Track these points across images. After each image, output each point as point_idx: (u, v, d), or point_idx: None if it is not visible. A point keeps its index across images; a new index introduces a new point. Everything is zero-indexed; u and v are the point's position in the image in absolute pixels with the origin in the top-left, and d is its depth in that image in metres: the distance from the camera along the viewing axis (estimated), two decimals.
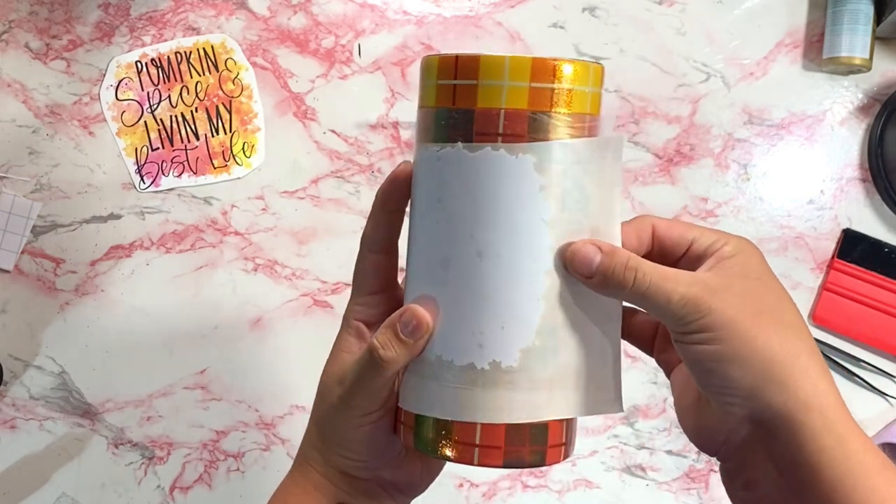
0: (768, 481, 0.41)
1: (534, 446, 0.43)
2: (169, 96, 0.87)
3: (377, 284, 0.46)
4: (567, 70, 0.41)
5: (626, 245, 0.42)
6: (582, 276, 0.41)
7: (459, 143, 0.41)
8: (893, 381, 0.90)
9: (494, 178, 0.41)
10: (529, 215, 0.41)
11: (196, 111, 0.87)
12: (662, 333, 0.47)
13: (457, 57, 0.42)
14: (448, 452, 0.43)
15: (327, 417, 0.46)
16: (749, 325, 0.39)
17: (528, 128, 0.41)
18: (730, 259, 0.41)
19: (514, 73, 0.41)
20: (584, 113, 0.42)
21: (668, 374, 0.47)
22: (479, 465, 0.42)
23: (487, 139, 0.41)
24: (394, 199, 0.44)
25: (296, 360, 0.87)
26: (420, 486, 0.49)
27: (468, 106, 0.41)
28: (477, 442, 0.42)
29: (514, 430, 0.42)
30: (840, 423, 0.38)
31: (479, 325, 0.42)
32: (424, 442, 0.43)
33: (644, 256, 0.42)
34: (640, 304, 0.42)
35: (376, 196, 0.45)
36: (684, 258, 0.43)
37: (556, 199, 0.41)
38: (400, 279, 0.47)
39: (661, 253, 0.43)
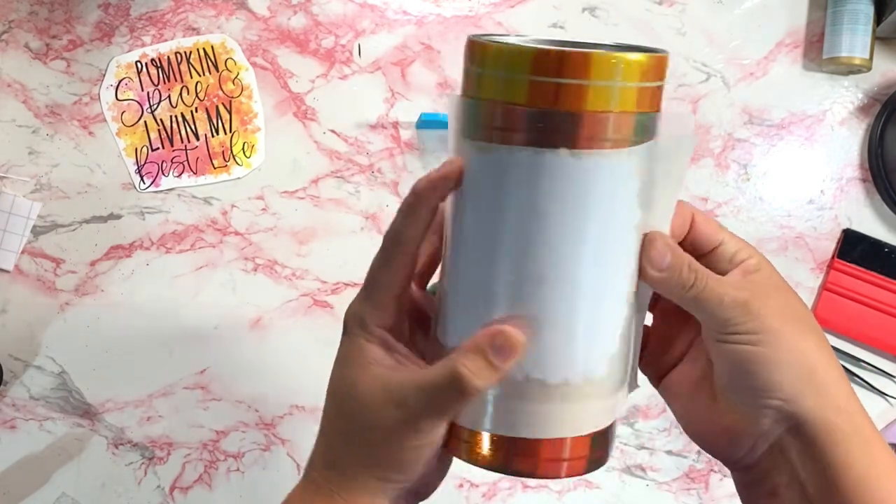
0: (793, 487, 0.41)
1: (606, 447, 0.43)
2: (169, 96, 0.87)
3: (400, 287, 0.42)
4: (665, 66, 0.39)
5: (671, 230, 0.43)
6: (653, 270, 0.41)
7: (563, 148, 0.37)
8: (893, 381, 0.90)
9: (600, 186, 0.38)
10: (626, 221, 0.40)
11: (196, 111, 0.87)
12: (654, 343, 0.47)
13: (562, 53, 0.37)
14: (530, 470, 0.41)
15: (378, 441, 0.41)
16: (792, 331, 0.41)
17: (634, 130, 0.38)
18: (757, 273, 0.43)
19: (626, 74, 0.38)
20: (661, 109, 0.40)
21: (657, 383, 0.47)
22: (566, 476, 0.42)
23: (595, 144, 0.37)
24: (438, 196, 0.41)
25: (296, 360, 0.87)
26: (435, 487, 0.49)
27: (575, 108, 0.37)
28: (566, 456, 0.41)
29: (599, 436, 0.42)
30: (866, 427, 0.41)
31: (576, 341, 0.40)
32: (501, 460, 0.41)
33: (679, 244, 0.43)
34: (688, 304, 0.42)
35: (418, 192, 0.41)
36: (709, 256, 0.44)
37: (643, 202, 0.40)
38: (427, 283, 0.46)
39: (692, 245, 0.44)
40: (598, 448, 0.42)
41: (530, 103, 0.37)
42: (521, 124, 0.38)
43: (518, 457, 0.41)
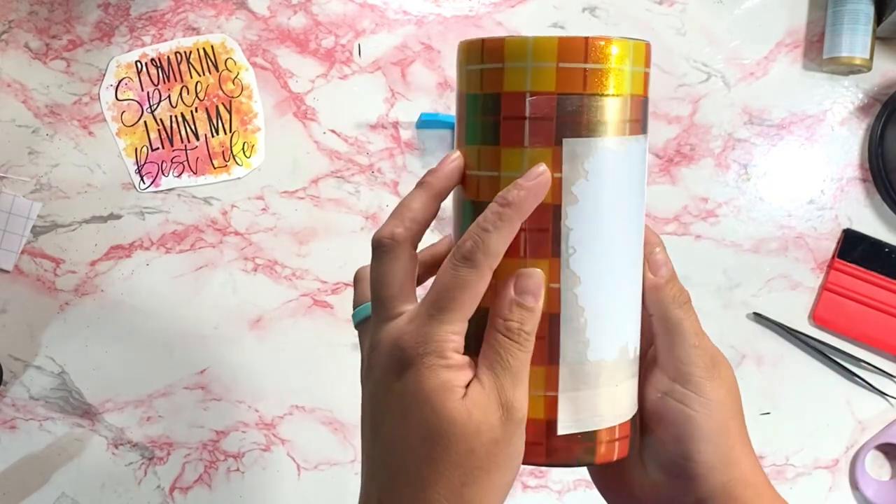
0: None
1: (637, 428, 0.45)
2: (169, 96, 0.87)
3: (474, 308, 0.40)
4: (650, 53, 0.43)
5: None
6: (654, 275, 0.43)
7: (643, 134, 0.42)
8: (893, 381, 0.90)
9: (642, 167, 0.42)
10: (644, 203, 0.43)
11: (196, 111, 0.87)
12: None
13: (647, 44, 0.42)
14: (603, 455, 0.42)
15: (493, 461, 0.38)
16: (725, 408, 0.43)
17: (644, 113, 0.42)
18: (707, 338, 0.46)
19: (639, 59, 0.41)
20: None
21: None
22: (617, 459, 0.43)
23: (636, 127, 0.41)
24: (535, 204, 0.40)
25: (296, 360, 0.87)
26: None
27: (643, 93, 0.42)
28: (617, 436, 0.42)
29: (636, 416, 0.44)
30: (767, 497, 0.43)
31: (633, 315, 0.43)
32: (582, 455, 0.42)
33: None
34: (667, 325, 0.43)
35: (514, 203, 0.39)
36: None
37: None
38: None
39: None
40: (633, 429, 0.44)
41: (634, 91, 0.41)
42: (640, 111, 0.42)
43: (595, 445, 0.42)
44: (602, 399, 0.41)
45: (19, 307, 0.85)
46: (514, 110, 0.40)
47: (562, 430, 0.41)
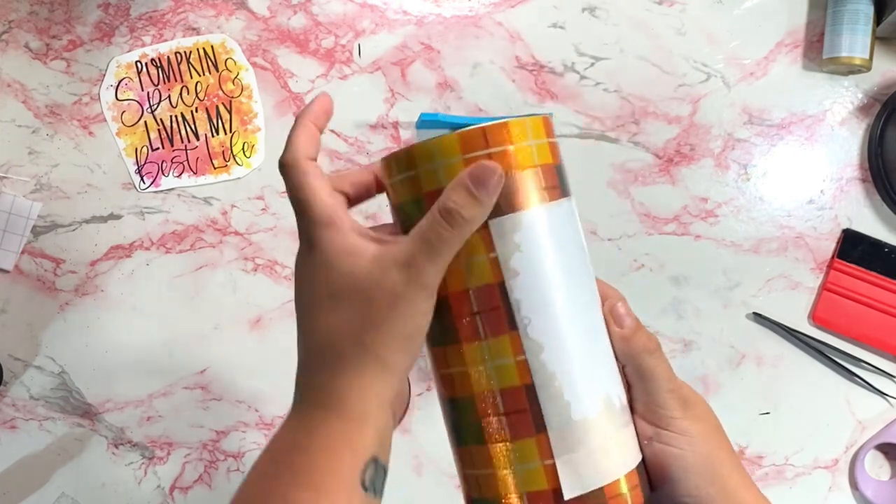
0: None
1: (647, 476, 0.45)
2: (169, 96, 0.87)
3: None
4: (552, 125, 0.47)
5: None
6: (619, 328, 0.44)
7: (565, 197, 0.43)
8: (893, 381, 0.90)
9: (575, 226, 0.44)
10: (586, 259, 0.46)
11: (196, 111, 0.87)
12: None
13: (548, 118, 0.45)
14: None
15: (385, 313, 0.40)
16: (709, 441, 0.44)
17: (560, 178, 0.44)
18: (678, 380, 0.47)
19: (538, 132, 0.44)
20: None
21: None
22: None
23: (555, 193, 0.43)
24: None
25: (296, 360, 0.87)
26: (405, 409, 0.49)
27: (553, 160, 0.44)
28: (626, 488, 0.43)
29: (641, 464, 0.44)
30: None
31: (607, 367, 0.44)
32: None
33: None
34: (640, 372, 0.45)
35: (309, 111, 0.46)
36: None
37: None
38: None
39: None
40: (644, 476, 0.44)
41: (559, 161, 0.44)
42: (559, 180, 0.44)
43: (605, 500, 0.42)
44: (599, 455, 0.42)
45: (19, 307, 0.85)
46: None
47: (568, 494, 0.41)
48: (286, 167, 0.45)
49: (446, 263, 0.41)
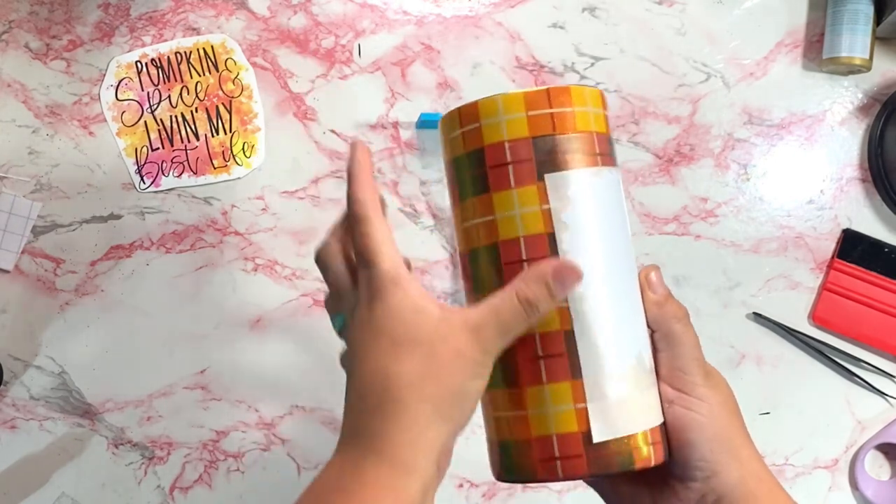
0: None
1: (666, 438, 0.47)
2: (169, 96, 0.87)
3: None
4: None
5: None
6: (654, 294, 0.47)
7: (615, 166, 0.47)
8: (893, 381, 0.90)
9: (620, 195, 0.47)
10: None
11: (196, 111, 0.87)
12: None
13: (601, 92, 0.47)
14: (643, 460, 0.45)
15: (451, 368, 0.42)
16: (724, 411, 0.47)
17: (610, 148, 0.47)
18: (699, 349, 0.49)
19: (596, 102, 0.47)
20: None
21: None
22: (654, 464, 0.45)
23: (607, 160, 0.47)
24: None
25: (296, 360, 0.87)
26: (446, 468, 0.50)
27: (606, 131, 0.47)
28: (651, 440, 0.45)
29: (664, 424, 0.47)
30: (782, 496, 0.47)
31: (640, 326, 0.46)
32: (623, 461, 0.44)
33: None
34: (669, 337, 0.47)
35: (363, 164, 0.46)
36: None
37: None
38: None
39: None
40: (664, 435, 0.46)
41: (609, 129, 0.47)
42: (607, 147, 0.46)
43: (636, 448, 0.44)
44: (631, 405, 0.44)
45: (19, 307, 0.85)
46: (497, 158, 0.45)
47: (597, 437, 0.43)
48: (359, 221, 0.45)
49: (511, 341, 0.43)
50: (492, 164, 0.45)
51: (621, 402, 0.44)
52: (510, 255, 0.44)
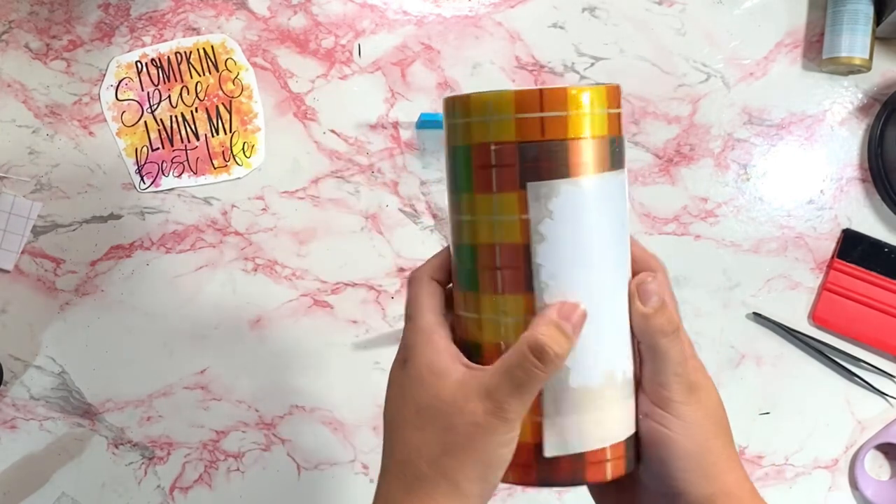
0: None
1: (638, 448, 0.46)
2: (169, 96, 0.87)
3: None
4: (619, 95, 0.47)
5: None
6: (643, 306, 0.45)
7: (612, 171, 0.43)
8: (893, 381, 0.90)
9: (615, 201, 0.44)
10: (625, 234, 0.46)
11: (196, 111, 0.87)
12: None
13: (617, 87, 0.45)
14: (593, 476, 0.44)
15: (467, 442, 0.41)
16: (705, 428, 0.45)
17: (611, 151, 0.44)
18: (694, 359, 0.47)
19: (599, 102, 0.44)
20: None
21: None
22: (612, 478, 0.44)
23: (602, 166, 0.43)
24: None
25: (296, 360, 0.87)
26: None
27: (608, 132, 0.43)
28: (609, 457, 0.44)
29: (633, 437, 0.45)
30: None
31: (619, 341, 0.44)
32: (571, 476, 0.43)
33: None
34: (654, 352, 0.45)
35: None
36: None
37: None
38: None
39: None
40: (632, 448, 0.45)
41: (609, 132, 0.44)
42: (606, 151, 0.43)
43: (584, 466, 0.43)
44: (588, 423, 0.43)
45: (19, 307, 0.85)
46: (482, 159, 0.43)
47: (548, 452, 0.43)
48: (412, 280, 0.47)
49: (531, 398, 0.42)
50: (477, 165, 0.43)
51: (581, 421, 0.42)
52: (486, 261, 0.43)
